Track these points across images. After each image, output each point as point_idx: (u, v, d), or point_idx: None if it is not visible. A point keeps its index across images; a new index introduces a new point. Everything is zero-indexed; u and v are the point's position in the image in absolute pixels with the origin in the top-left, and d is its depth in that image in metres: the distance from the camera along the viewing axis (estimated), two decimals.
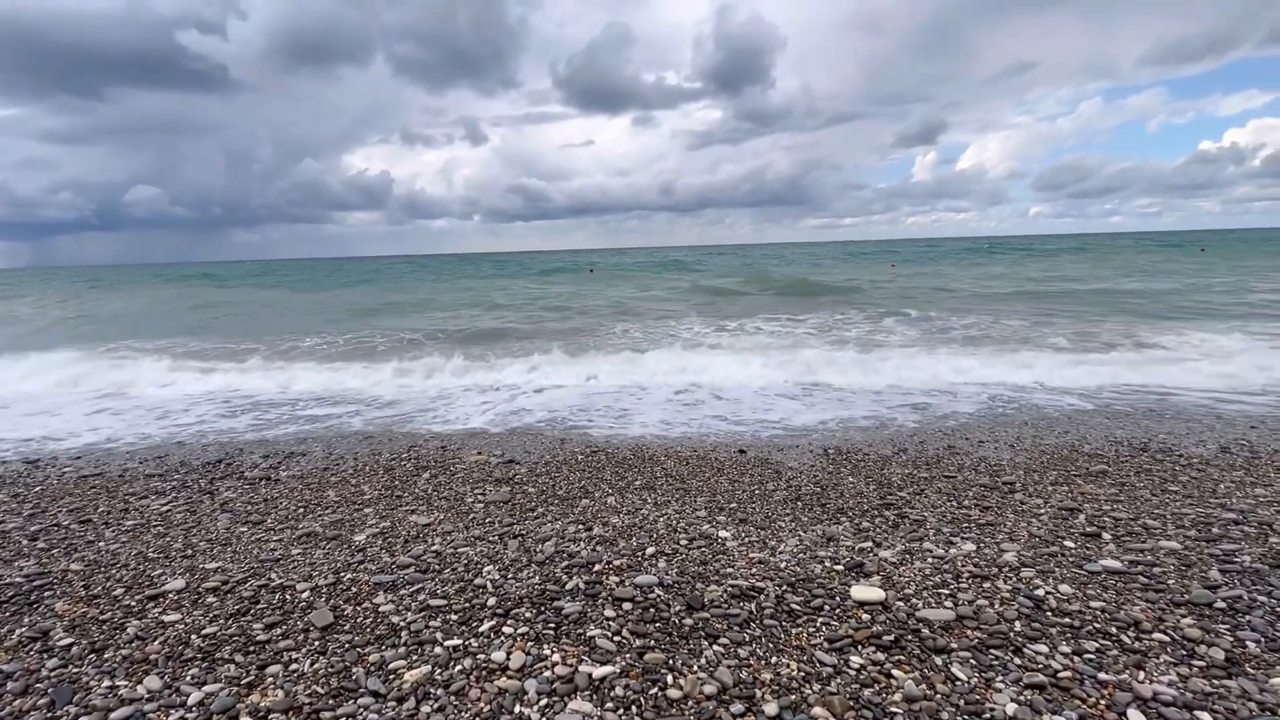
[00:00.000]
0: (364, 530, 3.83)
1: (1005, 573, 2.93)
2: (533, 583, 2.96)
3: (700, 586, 2.87)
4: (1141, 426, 5.98)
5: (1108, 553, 3.15)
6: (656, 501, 4.26)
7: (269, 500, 4.56)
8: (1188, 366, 8.39)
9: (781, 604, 2.70)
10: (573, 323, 16.46)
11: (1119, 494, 4.17)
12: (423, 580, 3.03)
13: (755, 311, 17.26)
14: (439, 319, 18.08)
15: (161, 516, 4.25)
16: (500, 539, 3.58)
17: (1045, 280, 23.63)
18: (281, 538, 3.77)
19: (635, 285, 28.65)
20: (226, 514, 4.29)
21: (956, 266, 36.29)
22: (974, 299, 18.58)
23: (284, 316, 19.79)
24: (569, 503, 4.30)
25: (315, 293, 30.52)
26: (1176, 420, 6.18)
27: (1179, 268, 27.28)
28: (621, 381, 8.73)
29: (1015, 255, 48.66)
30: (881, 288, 23.30)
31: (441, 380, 9.16)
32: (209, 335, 15.12)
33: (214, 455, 5.93)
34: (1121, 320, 13.44)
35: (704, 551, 3.32)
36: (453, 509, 4.24)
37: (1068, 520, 3.69)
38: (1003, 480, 4.52)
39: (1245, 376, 7.83)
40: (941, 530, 3.55)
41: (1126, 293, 19.07)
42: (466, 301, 23.26)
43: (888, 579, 2.91)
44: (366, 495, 4.61)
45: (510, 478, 4.95)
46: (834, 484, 4.58)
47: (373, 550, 3.48)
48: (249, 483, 5.04)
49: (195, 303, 25.01)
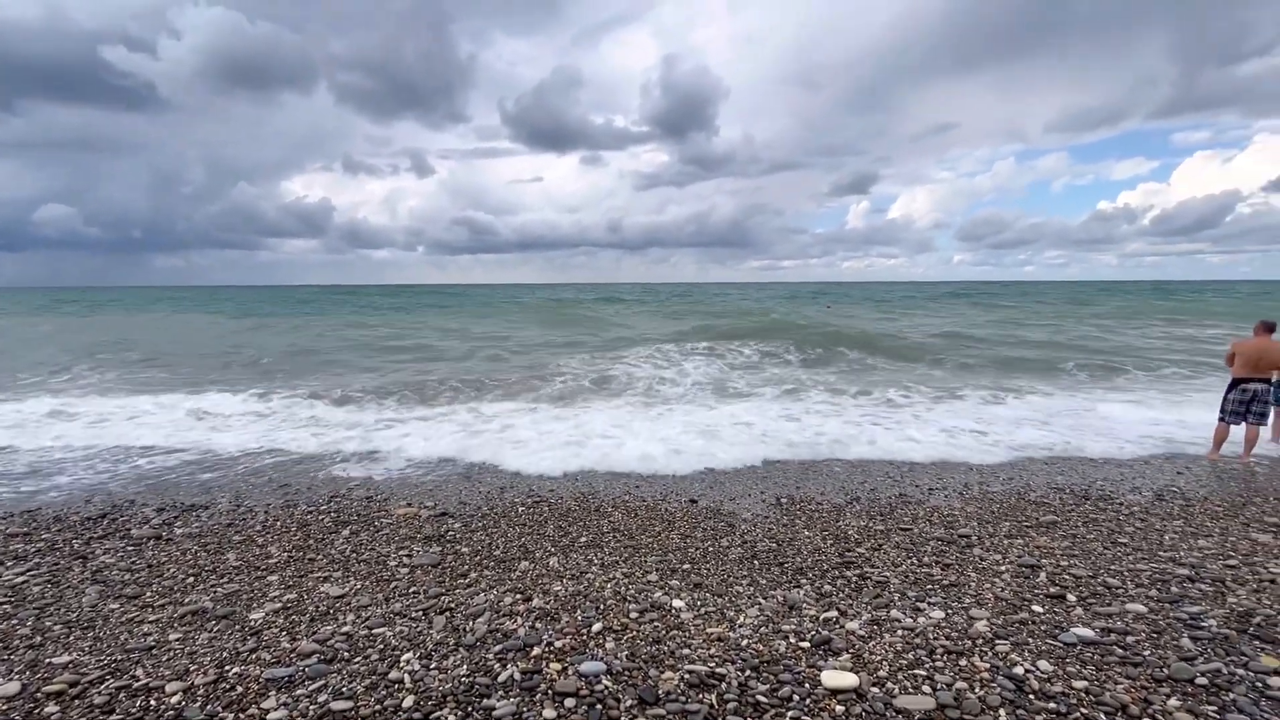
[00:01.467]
0: (263, 606, 3.30)
1: (980, 647, 2.73)
2: (459, 674, 2.54)
3: (654, 674, 2.53)
4: (1079, 473, 6.06)
5: (1077, 618, 3.01)
6: (604, 562, 3.90)
7: (154, 566, 3.93)
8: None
9: (746, 694, 2.39)
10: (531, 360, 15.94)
11: (1073, 547, 4.10)
12: (326, 674, 2.56)
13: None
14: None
15: (13, 590, 3.57)
16: (425, 615, 3.13)
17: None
18: (161, 617, 3.20)
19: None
20: (97, 585, 3.65)
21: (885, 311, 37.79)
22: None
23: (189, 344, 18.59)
24: (506, 565, 3.88)
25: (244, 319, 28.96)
26: (1109, 466, 6.32)
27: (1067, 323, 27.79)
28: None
29: (937, 301, 51.34)
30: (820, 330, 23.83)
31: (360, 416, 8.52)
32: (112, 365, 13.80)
33: (99, 508, 5.18)
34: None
35: (656, 626, 2.98)
36: (373, 575, 3.75)
37: (1030, 579, 3.56)
38: (959, 533, 4.40)
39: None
40: (906, 594, 3.34)
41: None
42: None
43: (859, 658, 2.65)
44: (273, 558, 4.05)
45: (442, 534, 4.48)
46: (790, 539, 4.34)
47: (270, 633, 2.96)
48: (134, 544, 4.37)
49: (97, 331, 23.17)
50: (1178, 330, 22.39)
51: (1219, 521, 4.61)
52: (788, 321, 23.38)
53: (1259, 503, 5.06)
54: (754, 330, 19.90)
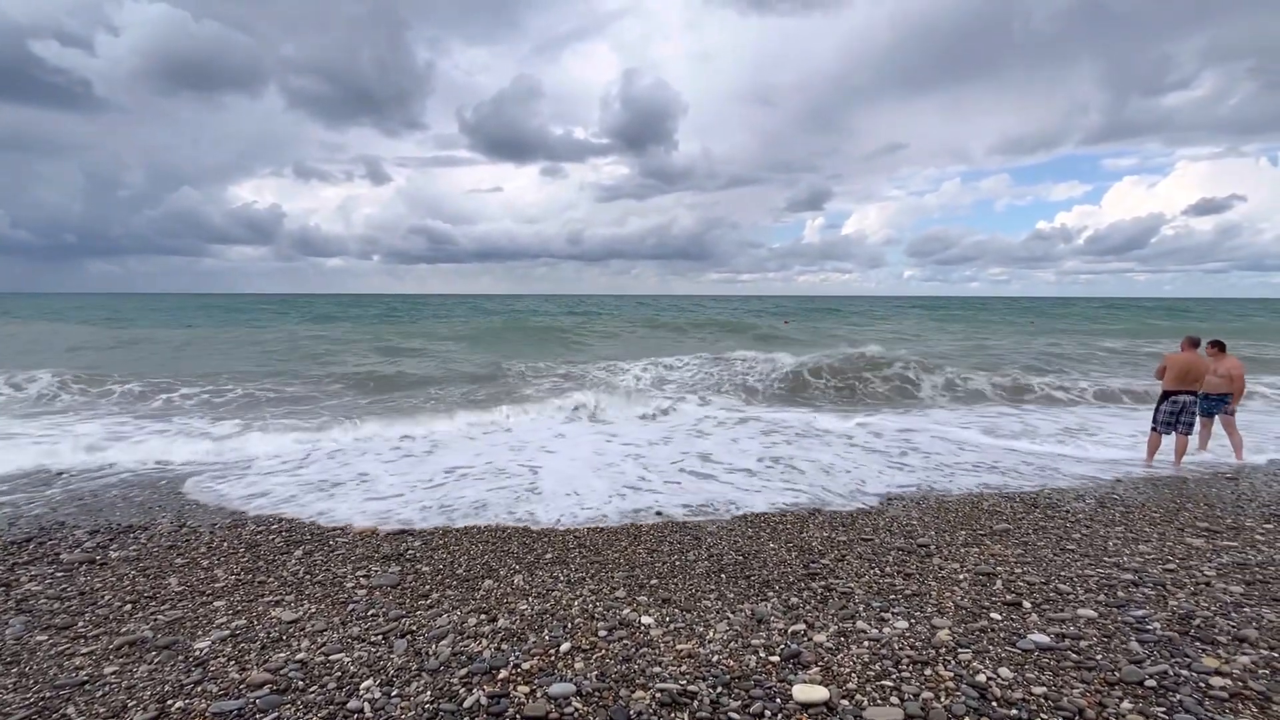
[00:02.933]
0: (209, 634, 3.12)
1: (943, 655, 2.79)
2: (423, 701, 2.45)
3: (625, 694, 2.49)
4: (1023, 480, 6.30)
5: (1033, 624, 3.11)
6: (570, 579, 3.84)
7: (86, 594, 3.68)
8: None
9: (718, 711, 2.37)
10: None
11: (1025, 554, 4.24)
12: (280, 705, 2.43)
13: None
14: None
15: None
16: (385, 639, 3.01)
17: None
18: (95, 648, 2.98)
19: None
20: (23, 615, 3.38)
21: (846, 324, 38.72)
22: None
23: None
24: (470, 584, 3.77)
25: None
26: (1053, 474, 6.59)
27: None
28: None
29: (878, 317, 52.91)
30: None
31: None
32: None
33: (24, 530, 4.82)
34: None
35: (626, 644, 2.94)
36: (329, 597, 3.60)
37: (987, 586, 3.67)
38: (918, 543, 4.50)
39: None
40: (871, 605, 3.39)
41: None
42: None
43: (828, 670, 2.67)
44: (220, 582, 3.84)
45: (401, 553, 4.33)
46: (755, 551, 4.36)
47: (217, 663, 2.80)
48: (64, 569, 4.08)
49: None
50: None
51: (1156, 527, 4.85)
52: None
53: (1191, 508, 5.35)
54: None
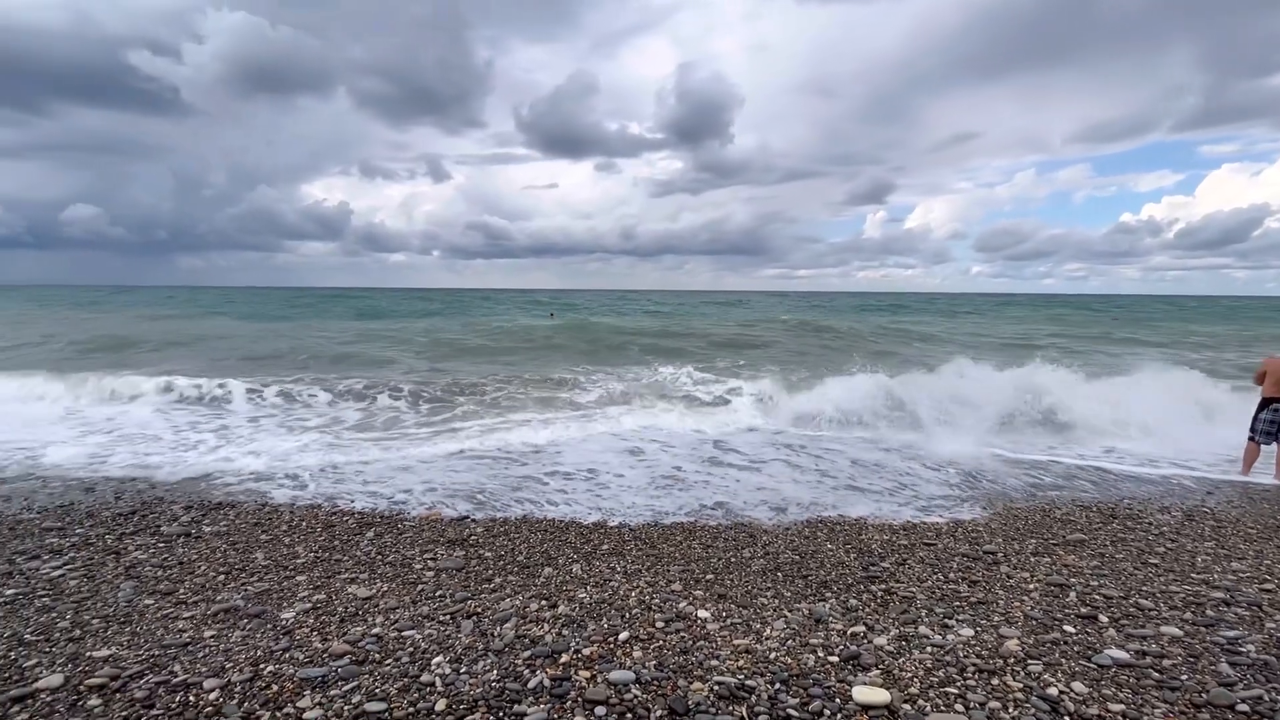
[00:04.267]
0: (294, 605, 3.35)
1: (1012, 666, 2.70)
2: (490, 679, 2.56)
3: (683, 684, 2.53)
4: (1102, 490, 5.97)
5: (1111, 640, 2.97)
6: (626, 571, 3.91)
7: (185, 564, 4.00)
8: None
9: (777, 707, 2.38)
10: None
11: (1102, 567, 4.04)
12: (359, 675, 2.59)
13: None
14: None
15: (51, 584, 3.65)
16: (452, 619, 3.16)
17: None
18: (194, 614, 3.25)
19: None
20: (132, 581, 3.72)
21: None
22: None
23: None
24: (530, 571, 3.90)
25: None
26: (1131, 483, 6.22)
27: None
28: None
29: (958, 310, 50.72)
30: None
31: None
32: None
33: (129, 505, 5.28)
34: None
35: (683, 636, 2.98)
36: (399, 577, 3.79)
37: (1059, 598, 3.52)
38: (984, 550, 4.35)
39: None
40: (934, 610, 3.31)
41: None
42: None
43: (889, 674, 2.63)
44: (300, 559, 4.10)
45: (464, 538, 4.51)
46: (813, 551, 4.32)
47: (302, 633, 3.00)
48: (165, 540, 4.45)
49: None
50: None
51: (1253, 544, 4.52)
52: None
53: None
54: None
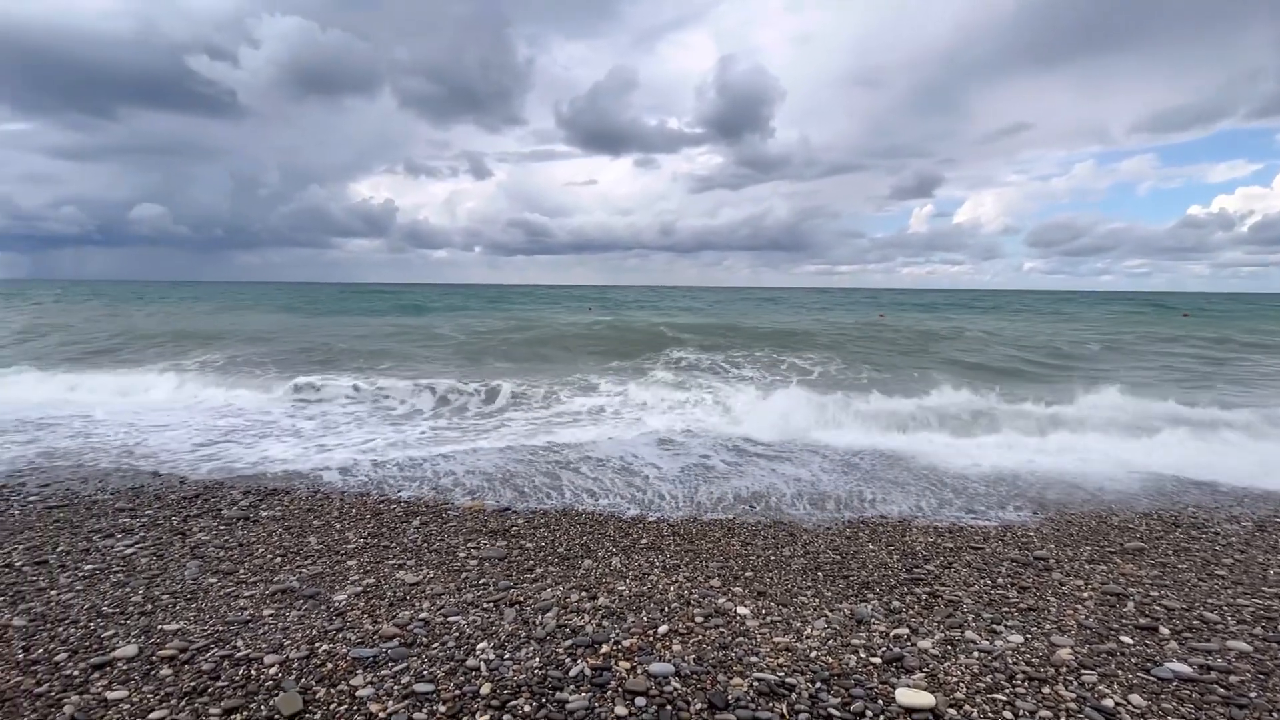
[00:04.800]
0: (345, 588, 3.48)
1: (1064, 675, 2.61)
2: (532, 666, 2.62)
3: (722, 679, 2.54)
4: (1164, 496, 5.68)
5: (1172, 653, 2.84)
6: (665, 565, 3.93)
7: (244, 545, 4.20)
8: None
9: (817, 706, 2.37)
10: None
11: (1163, 577, 3.86)
12: (408, 657, 2.69)
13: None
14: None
15: (125, 561, 3.88)
16: (496, 606, 3.24)
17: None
18: (254, 593, 3.42)
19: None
20: (196, 560, 3.93)
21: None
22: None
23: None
24: (570, 563, 3.96)
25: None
26: (1197, 490, 5.90)
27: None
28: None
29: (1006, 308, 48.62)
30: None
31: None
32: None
33: (193, 489, 5.57)
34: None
35: (722, 632, 2.98)
36: (444, 565, 3.90)
37: (1116, 607, 3.38)
38: (1035, 555, 4.21)
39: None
40: (981, 615, 3.23)
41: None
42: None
43: (933, 677, 2.58)
44: (351, 544, 4.26)
45: (506, 529, 4.61)
46: (854, 552, 4.25)
47: (353, 614, 3.13)
48: (225, 523, 4.68)
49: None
50: None
51: None
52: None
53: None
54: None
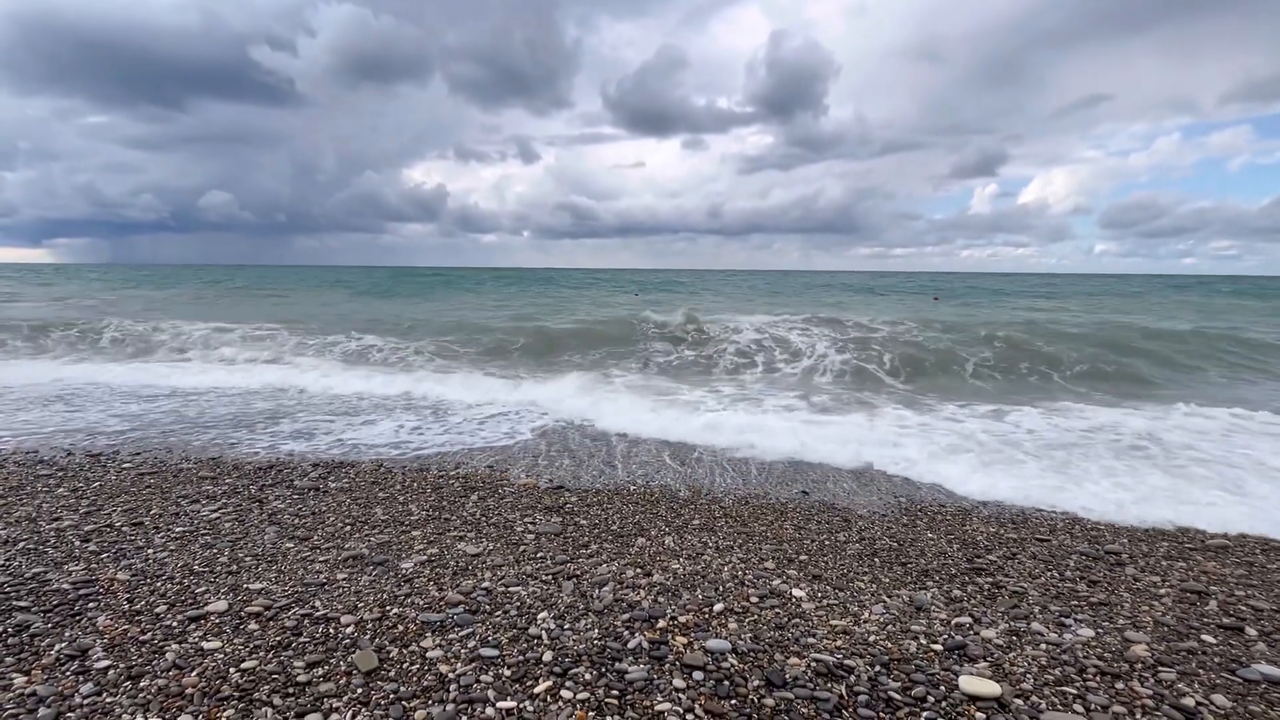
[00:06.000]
0: (411, 557, 3.64)
1: (1139, 671, 2.51)
2: (591, 637, 2.69)
3: (779, 658, 2.55)
4: None
5: (1260, 654, 2.69)
6: (718, 546, 3.95)
7: (316, 514, 4.44)
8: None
9: (877, 689, 2.35)
10: None
11: (1250, 576, 3.64)
12: (473, 623, 2.80)
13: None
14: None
15: (210, 525, 4.16)
16: (554, 579, 3.33)
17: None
18: (328, 558, 3.62)
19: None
20: (274, 527, 4.17)
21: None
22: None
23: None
24: (624, 540, 4.02)
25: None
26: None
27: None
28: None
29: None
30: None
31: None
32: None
33: (265, 460, 5.90)
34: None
35: (778, 613, 2.99)
36: (502, 538, 4.03)
37: (1196, 605, 3.22)
38: (1106, 549, 4.03)
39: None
40: (1049, 608, 3.13)
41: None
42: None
43: (998, 667, 2.52)
44: (414, 515, 4.45)
45: (560, 506, 4.72)
46: (912, 540, 4.17)
47: (420, 581, 3.27)
48: (298, 493, 4.95)
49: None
50: None
51: None
52: None
53: None
54: None
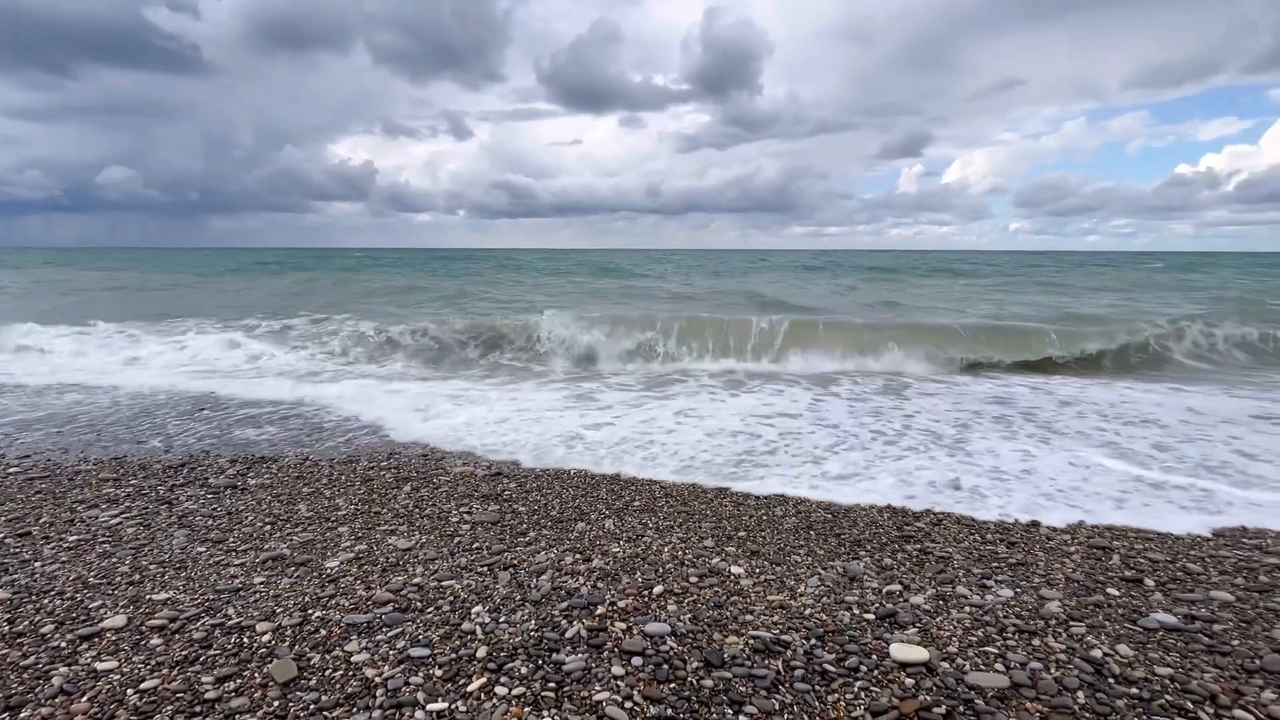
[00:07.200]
0: (337, 554, 3.46)
1: (1053, 627, 2.66)
2: (528, 628, 2.62)
3: (718, 637, 2.55)
4: None
5: (1158, 604, 2.90)
6: (659, 527, 3.94)
7: (233, 514, 4.16)
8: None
9: (813, 662, 2.39)
10: None
11: (1146, 531, 3.93)
12: (402, 622, 2.67)
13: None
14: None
15: (110, 531, 3.83)
16: (490, 570, 3.23)
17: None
18: (244, 561, 3.38)
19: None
20: (184, 530, 3.88)
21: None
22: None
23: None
24: (564, 526, 3.95)
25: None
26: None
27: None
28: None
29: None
30: None
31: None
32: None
33: (179, 457, 5.49)
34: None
35: (717, 591, 3.00)
36: (436, 530, 3.88)
37: (1102, 560, 3.44)
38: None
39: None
40: (972, 571, 3.27)
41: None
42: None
43: (926, 632, 2.61)
44: (341, 510, 4.23)
45: (499, 494, 4.59)
46: (845, 511, 4.29)
47: (346, 581, 3.10)
48: (213, 492, 4.62)
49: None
50: None
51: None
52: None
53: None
54: None
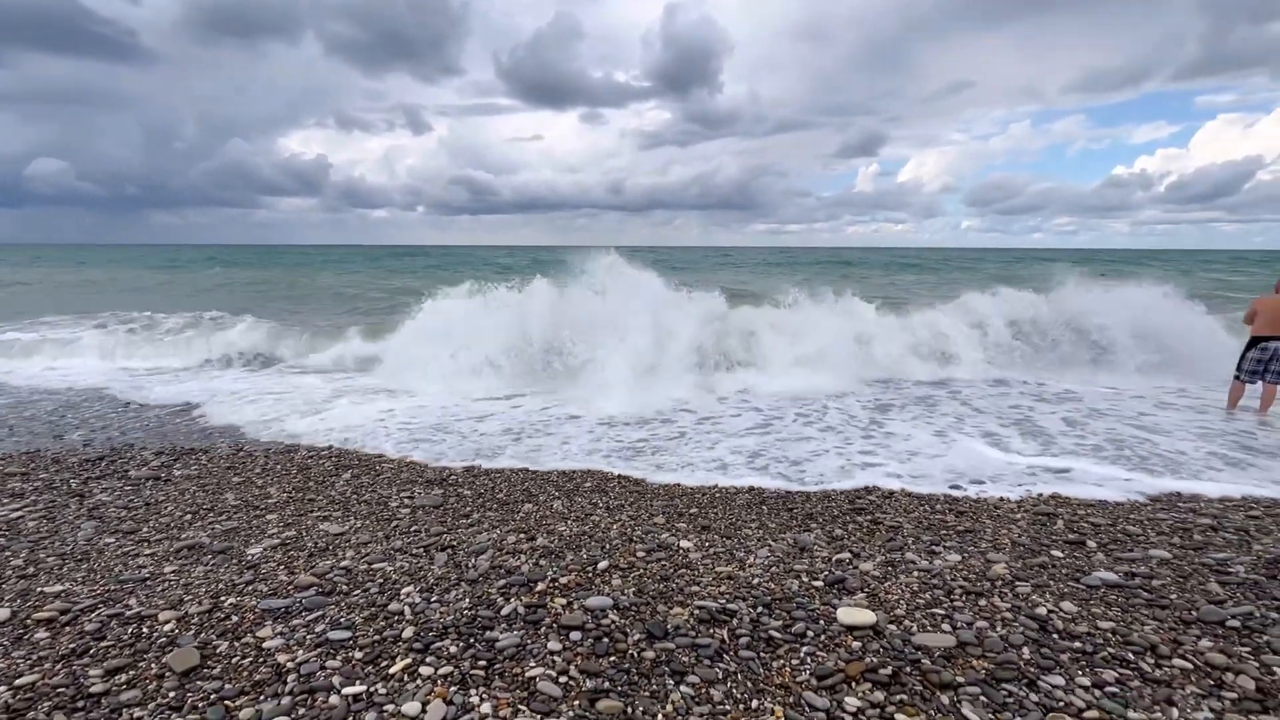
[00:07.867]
0: (261, 541, 3.23)
1: (999, 588, 2.64)
2: (462, 607, 2.46)
3: (663, 609, 2.44)
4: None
5: (1100, 563, 2.91)
6: (609, 506, 3.81)
7: (151, 504, 3.86)
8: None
9: (759, 629, 2.30)
10: None
11: (1088, 497, 4.00)
12: (324, 605, 2.48)
13: None
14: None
15: (9, 525, 3.50)
16: (426, 552, 3.05)
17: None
18: (156, 551, 3.12)
19: None
20: (93, 521, 3.58)
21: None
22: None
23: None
24: (510, 508, 3.79)
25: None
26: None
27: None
28: None
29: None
30: None
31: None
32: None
33: (99, 451, 5.11)
34: None
35: (664, 565, 2.89)
36: (373, 515, 3.67)
37: (1047, 525, 3.47)
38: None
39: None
40: (921, 538, 3.25)
41: None
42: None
43: (874, 596, 2.56)
44: (272, 498, 3.97)
45: (444, 478, 4.40)
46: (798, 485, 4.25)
47: (268, 567, 2.89)
48: (132, 484, 4.30)
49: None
50: None
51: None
52: None
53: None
54: None
